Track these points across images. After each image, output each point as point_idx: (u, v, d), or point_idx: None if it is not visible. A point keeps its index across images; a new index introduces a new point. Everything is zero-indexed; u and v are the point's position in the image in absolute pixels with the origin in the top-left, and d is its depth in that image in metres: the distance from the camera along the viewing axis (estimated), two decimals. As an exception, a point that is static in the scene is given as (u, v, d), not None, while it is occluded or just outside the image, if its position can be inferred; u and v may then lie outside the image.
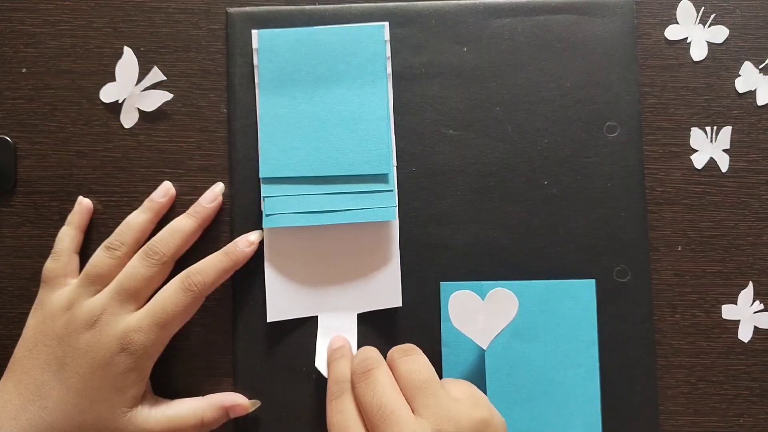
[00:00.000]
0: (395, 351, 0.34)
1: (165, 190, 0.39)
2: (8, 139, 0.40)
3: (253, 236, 0.38)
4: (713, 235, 0.40)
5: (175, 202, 0.40)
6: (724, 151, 0.40)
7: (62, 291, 0.37)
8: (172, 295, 0.35)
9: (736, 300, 0.40)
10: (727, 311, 0.40)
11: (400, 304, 0.38)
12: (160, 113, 0.40)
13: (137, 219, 0.38)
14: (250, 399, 0.38)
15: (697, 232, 0.40)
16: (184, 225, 0.38)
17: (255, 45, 0.39)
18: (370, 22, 0.39)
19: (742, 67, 0.41)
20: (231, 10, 0.40)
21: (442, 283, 0.39)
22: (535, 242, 0.39)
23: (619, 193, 0.39)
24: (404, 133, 0.40)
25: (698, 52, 0.41)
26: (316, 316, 0.38)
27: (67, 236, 0.39)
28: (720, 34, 0.41)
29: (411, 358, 0.33)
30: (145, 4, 0.41)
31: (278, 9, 0.40)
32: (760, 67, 0.41)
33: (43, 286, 0.37)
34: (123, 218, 0.39)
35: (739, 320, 0.40)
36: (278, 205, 0.38)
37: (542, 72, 0.40)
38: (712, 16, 0.41)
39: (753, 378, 0.40)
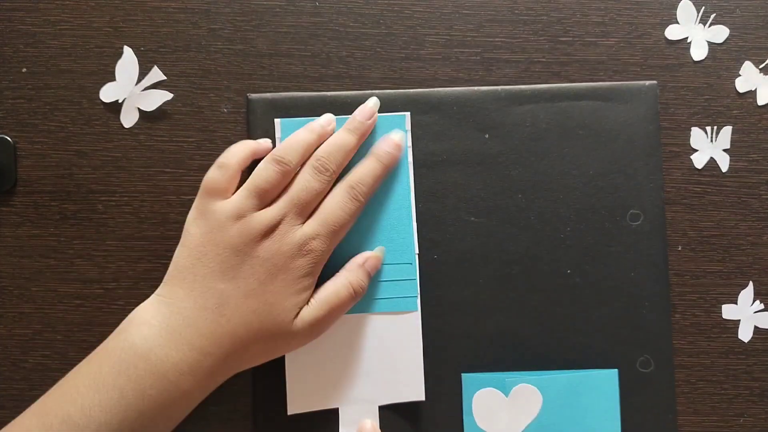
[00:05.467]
0: None
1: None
2: (8, 138, 0.40)
3: (396, 136, 0.38)
4: (713, 235, 0.40)
5: (175, 200, 0.40)
6: (725, 150, 0.40)
7: (226, 201, 0.36)
8: (342, 204, 0.36)
9: (737, 300, 0.40)
10: (727, 311, 0.40)
11: (423, 398, 0.38)
12: (161, 113, 0.40)
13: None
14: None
15: (697, 232, 0.40)
16: (348, 141, 0.38)
17: (278, 134, 0.38)
18: (392, 112, 0.39)
19: (742, 67, 0.41)
20: (252, 96, 0.39)
21: (463, 375, 0.38)
22: (558, 331, 0.39)
23: (642, 282, 0.39)
24: (426, 220, 0.39)
25: (698, 52, 0.41)
26: (337, 408, 0.38)
27: (239, 153, 0.37)
28: (720, 33, 0.41)
29: None
30: (145, 4, 0.41)
31: (299, 95, 0.39)
32: (761, 66, 0.41)
33: (202, 195, 0.36)
34: (123, 218, 0.39)
35: (739, 320, 0.40)
36: None
37: (565, 159, 0.39)
38: (713, 16, 0.41)
39: (753, 378, 0.40)
